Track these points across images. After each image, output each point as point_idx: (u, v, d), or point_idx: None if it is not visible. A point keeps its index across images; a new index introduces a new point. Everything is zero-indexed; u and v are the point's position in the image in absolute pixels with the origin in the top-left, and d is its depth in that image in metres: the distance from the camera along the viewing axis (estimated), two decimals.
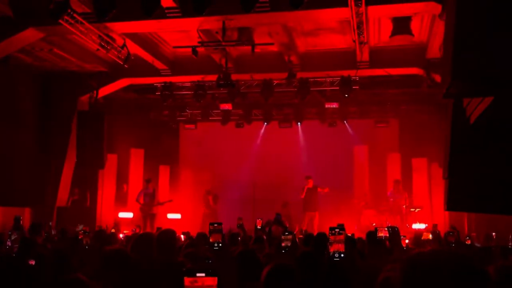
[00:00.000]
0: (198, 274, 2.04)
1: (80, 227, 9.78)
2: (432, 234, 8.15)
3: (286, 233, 5.29)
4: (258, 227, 8.05)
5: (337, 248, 4.17)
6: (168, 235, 4.43)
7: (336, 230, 4.27)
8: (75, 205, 14.43)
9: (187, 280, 2.03)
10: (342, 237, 4.22)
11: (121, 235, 10.74)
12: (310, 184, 14.79)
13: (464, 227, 13.09)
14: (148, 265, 3.55)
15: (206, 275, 2.04)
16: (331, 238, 4.23)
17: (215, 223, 5.11)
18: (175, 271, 3.41)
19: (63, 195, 14.25)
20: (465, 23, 2.08)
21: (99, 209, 15.83)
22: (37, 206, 13.56)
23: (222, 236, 5.13)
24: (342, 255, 4.15)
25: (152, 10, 8.52)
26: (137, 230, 13.04)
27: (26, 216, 13.24)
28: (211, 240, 4.99)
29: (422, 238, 7.04)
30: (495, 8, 2.07)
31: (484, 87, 2.11)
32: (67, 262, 3.90)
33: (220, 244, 4.93)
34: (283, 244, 5.07)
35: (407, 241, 7.77)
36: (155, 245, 4.03)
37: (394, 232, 6.15)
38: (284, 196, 16.41)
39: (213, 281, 2.05)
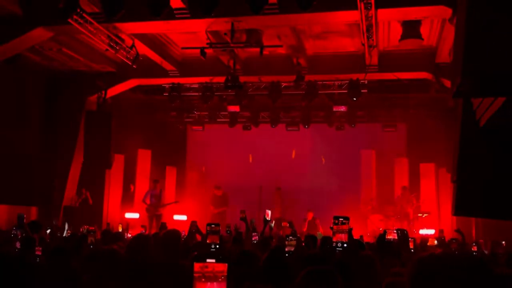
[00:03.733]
0: (208, 260, 2.02)
1: (85, 228, 9.78)
2: (437, 240, 8.06)
3: (290, 238, 5.13)
4: (267, 218, 7.89)
5: (340, 238, 4.09)
6: (173, 236, 4.39)
7: (340, 219, 4.16)
8: (82, 205, 14.45)
9: (197, 266, 2.00)
10: (345, 227, 4.14)
11: (129, 235, 10.76)
12: (310, 216, 14.82)
13: (472, 233, 12.97)
14: (145, 265, 3.51)
15: (216, 261, 2.02)
16: (335, 227, 4.14)
17: (212, 224, 5.05)
18: (176, 272, 3.37)
19: (70, 194, 14.28)
20: (477, 19, 2.04)
21: (106, 209, 15.85)
22: (43, 205, 13.60)
23: (220, 237, 5.06)
24: (345, 245, 4.07)
25: (160, 11, 8.52)
26: (143, 231, 13.04)
27: (33, 215, 13.29)
28: (208, 241, 4.92)
29: (428, 244, 6.96)
30: (508, 4, 2.03)
31: (495, 87, 2.07)
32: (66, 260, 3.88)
33: (218, 246, 4.87)
34: (286, 249, 4.94)
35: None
36: (152, 245, 3.99)
37: (403, 235, 6.10)
38: (288, 199, 16.41)
39: (223, 267, 2.03)
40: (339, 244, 4.05)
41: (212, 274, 2.01)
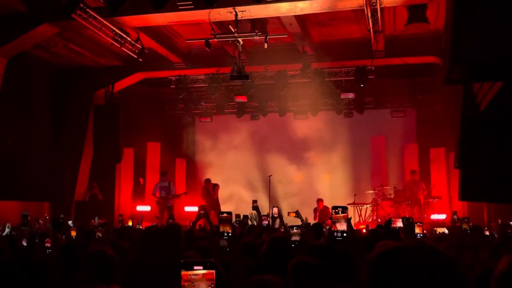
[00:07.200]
0: (195, 267, 2.01)
1: (96, 220, 9.88)
2: (448, 229, 7.98)
3: (295, 227, 5.19)
4: (275, 215, 7.95)
5: (339, 228, 4.15)
6: (173, 229, 4.40)
7: (339, 209, 4.25)
8: (93, 199, 14.57)
9: (185, 274, 2.00)
10: (345, 216, 4.20)
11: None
12: (321, 206, 14.80)
13: (484, 216, 12.89)
14: (155, 259, 3.53)
15: (204, 268, 2.01)
16: (334, 217, 4.21)
17: (225, 212, 5.16)
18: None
19: (81, 189, 14.40)
20: (463, 9, 2.02)
21: (117, 203, 15.96)
22: (55, 201, 13.73)
23: (232, 226, 5.16)
24: (344, 234, 4.13)
25: (163, 4, 8.51)
26: (156, 222, 13.14)
27: (45, 211, 13.43)
28: (220, 229, 5.02)
29: (437, 232, 6.91)
30: None
31: (484, 73, 2.04)
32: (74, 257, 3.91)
33: (230, 234, 4.96)
34: (292, 239, 5.00)
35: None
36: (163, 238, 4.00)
37: (408, 223, 6.10)
38: (298, 190, 16.42)
39: (211, 274, 2.02)
40: (339, 234, 4.10)
41: (201, 281, 2.01)
